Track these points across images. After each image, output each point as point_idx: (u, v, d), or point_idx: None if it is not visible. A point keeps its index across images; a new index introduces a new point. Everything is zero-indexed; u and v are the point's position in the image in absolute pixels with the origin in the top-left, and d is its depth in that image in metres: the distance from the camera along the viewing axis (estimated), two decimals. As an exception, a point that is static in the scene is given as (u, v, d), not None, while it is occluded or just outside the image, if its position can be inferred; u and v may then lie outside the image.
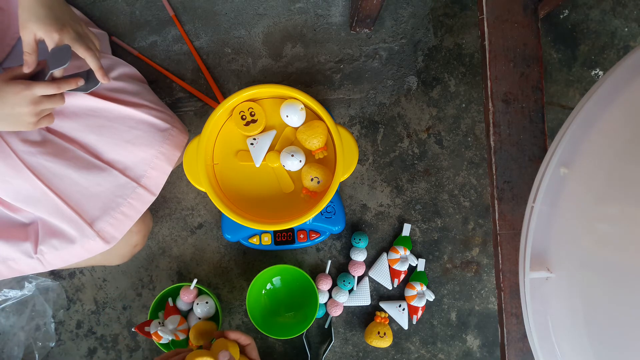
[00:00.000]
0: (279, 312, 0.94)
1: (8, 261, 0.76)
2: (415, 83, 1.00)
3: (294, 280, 0.93)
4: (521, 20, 0.66)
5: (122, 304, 0.97)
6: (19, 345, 0.94)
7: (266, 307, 0.94)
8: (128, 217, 0.79)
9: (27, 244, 0.76)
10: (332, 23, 1.00)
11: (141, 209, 0.80)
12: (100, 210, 0.77)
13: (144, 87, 0.86)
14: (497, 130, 0.65)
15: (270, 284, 0.94)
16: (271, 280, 0.94)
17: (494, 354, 0.99)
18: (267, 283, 0.94)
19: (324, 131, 0.80)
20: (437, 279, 0.99)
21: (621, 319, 0.50)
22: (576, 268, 0.53)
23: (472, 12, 1.01)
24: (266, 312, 0.93)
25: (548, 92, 1.00)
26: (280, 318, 0.94)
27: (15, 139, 0.73)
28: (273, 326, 0.91)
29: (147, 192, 0.80)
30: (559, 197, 0.54)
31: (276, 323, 0.92)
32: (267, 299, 0.94)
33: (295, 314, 0.94)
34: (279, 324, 0.92)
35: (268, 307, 0.94)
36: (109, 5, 0.99)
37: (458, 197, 0.99)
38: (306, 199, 0.81)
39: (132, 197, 0.78)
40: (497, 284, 0.66)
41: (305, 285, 0.92)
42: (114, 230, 0.78)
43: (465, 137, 1.00)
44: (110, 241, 0.78)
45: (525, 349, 0.65)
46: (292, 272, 0.92)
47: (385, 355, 0.98)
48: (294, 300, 0.94)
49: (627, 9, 1.02)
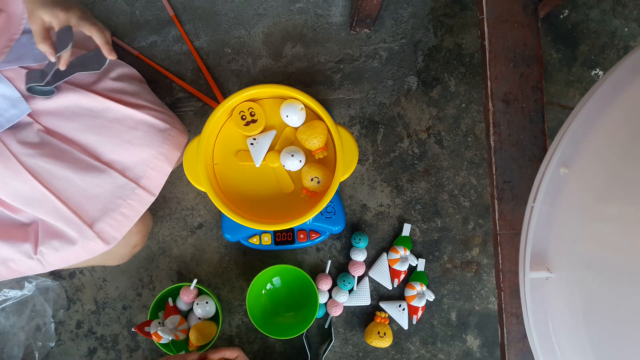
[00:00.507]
0: (278, 312, 0.94)
1: (8, 262, 0.76)
2: (415, 83, 1.00)
3: (294, 280, 0.93)
4: (521, 20, 0.66)
5: (122, 304, 0.97)
6: (19, 345, 0.94)
7: (266, 307, 0.94)
8: (128, 217, 0.79)
9: (27, 245, 0.76)
10: (332, 23, 1.00)
11: (141, 209, 0.80)
12: (100, 212, 0.77)
13: (144, 88, 0.86)
14: (497, 130, 0.65)
15: (270, 284, 0.94)
16: (271, 280, 0.94)
17: (494, 354, 0.99)
18: (267, 283, 0.94)
19: (324, 131, 0.80)
20: (437, 279, 0.99)
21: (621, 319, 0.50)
22: (576, 268, 0.53)
23: (472, 12, 1.01)
24: (266, 312, 0.93)
25: (548, 92, 1.00)
26: (280, 318, 0.94)
27: (14, 141, 0.73)
28: (273, 326, 0.91)
29: (147, 193, 0.80)
30: (559, 197, 0.54)
31: (276, 323, 0.92)
32: (267, 299, 0.94)
33: (295, 314, 0.94)
34: (279, 324, 0.92)
35: (268, 307, 0.94)
36: (109, 5, 0.99)
37: (458, 197, 0.99)
38: (306, 199, 0.81)
39: (132, 198, 0.78)
40: (497, 284, 0.66)
41: (305, 285, 0.92)
42: (114, 231, 0.78)
43: (465, 137, 1.00)
44: (110, 242, 0.78)
45: (525, 349, 0.65)
46: (292, 272, 0.92)
47: (385, 355, 0.98)
48: (294, 300, 0.94)
49: (627, 9, 1.02)
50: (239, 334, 0.97)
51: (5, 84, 0.73)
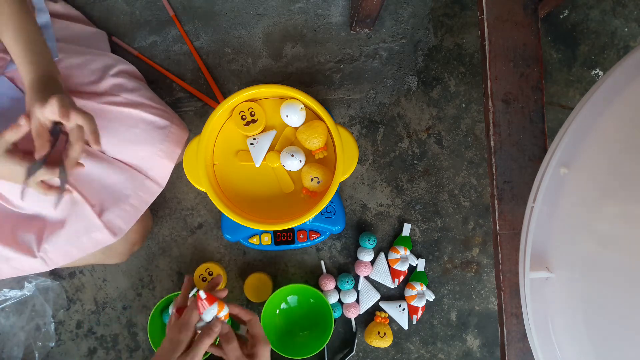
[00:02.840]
0: (294, 331, 0.95)
1: (10, 260, 0.76)
2: (415, 83, 1.00)
3: (306, 298, 0.94)
4: (521, 20, 0.66)
5: (122, 304, 0.97)
6: (19, 345, 0.94)
7: (281, 327, 0.95)
8: (136, 208, 0.80)
9: (30, 241, 0.76)
10: (332, 23, 1.00)
11: (149, 200, 0.81)
12: (109, 202, 0.77)
13: (142, 85, 0.86)
14: (497, 130, 0.65)
15: (285, 303, 0.95)
16: (286, 299, 0.95)
17: (494, 354, 0.99)
18: (282, 303, 0.95)
19: (324, 131, 0.80)
20: (437, 279, 0.99)
21: (621, 318, 0.50)
22: (576, 268, 0.53)
23: (472, 12, 1.01)
24: (281, 332, 0.94)
25: (548, 92, 1.00)
26: (297, 338, 0.94)
27: None
28: (289, 346, 0.92)
29: (155, 184, 0.81)
30: (559, 197, 0.54)
31: (292, 343, 0.93)
32: (281, 319, 0.95)
33: (310, 333, 0.94)
34: (295, 344, 0.93)
35: (283, 327, 0.95)
36: (109, 5, 0.99)
37: (458, 197, 0.99)
38: (306, 199, 0.81)
39: (140, 188, 0.79)
40: (497, 284, 0.66)
41: (318, 303, 0.93)
42: (122, 222, 0.79)
43: (465, 137, 1.00)
44: (117, 233, 0.79)
45: (525, 349, 0.65)
46: (304, 291, 0.93)
47: (385, 355, 0.98)
48: (308, 319, 0.95)
49: (627, 9, 1.02)
50: (239, 334, 0.97)
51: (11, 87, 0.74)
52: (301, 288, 0.92)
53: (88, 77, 0.78)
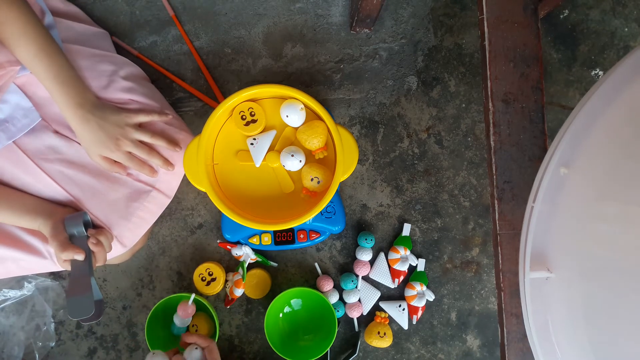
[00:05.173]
0: (297, 335, 0.95)
1: (19, 261, 0.77)
2: (415, 83, 1.00)
3: (309, 302, 0.94)
4: (521, 20, 0.66)
5: (122, 304, 0.97)
6: (19, 345, 0.94)
7: (285, 331, 0.95)
8: (145, 220, 0.80)
9: (40, 245, 0.76)
10: (332, 23, 1.00)
11: (157, 211, 0.81)
12: (118, 215, 0.77)
13: (151, 88, 0.87)
14: (497, 130, 0.65)
15: (289, 307, 0.95)
16: (289, 303, 0.95)
17: (494, 354, 0.99)
18: (285, 306, 0.95)
19: (324, 131, 0.80)
20: (437, 279, 0.99)
21: (621, 319, 0.50)
22: (576, 268, 0.53)
23: (472, 12, 1.01)
24: (285, 336, 0.94)
25: (548, 92, 1.00)
26: (300, 342, 0.94)
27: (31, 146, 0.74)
28: (293, 349, 0.92)
29: (163, 195, 0.81)
30: (559, 197, 0.54)
31: (296, 346, 0.93)
32: (285, 322, 0.95)
33: (313, 336, 0.94)
34: (299, 347, 0.93)
35: (287, 331, 0.95)
36: (109, 5, 0.99)
37: (458, 197, 0.99)
38: (306, 199, 0.81)
39: (149, 200, 0.79)
40: (497, 284, 0.66)
41: (320, 306, 0.92)
42: (131, 234, 0.79)
43: (465, 137, 1.00)
44: (127, 244, 0.80)
45: (525, 349, 0.65)
46: (308, 294, 0.93)
47: (385, 355, 0.98)
48: (311, 322, 0.95)
49: (627, 9, 1.02)
50: (239, 334, 0.97)
51: (19, 94, 0.74)
52: (305, 291, 0.92)
53: (97, 80, 0.78)
